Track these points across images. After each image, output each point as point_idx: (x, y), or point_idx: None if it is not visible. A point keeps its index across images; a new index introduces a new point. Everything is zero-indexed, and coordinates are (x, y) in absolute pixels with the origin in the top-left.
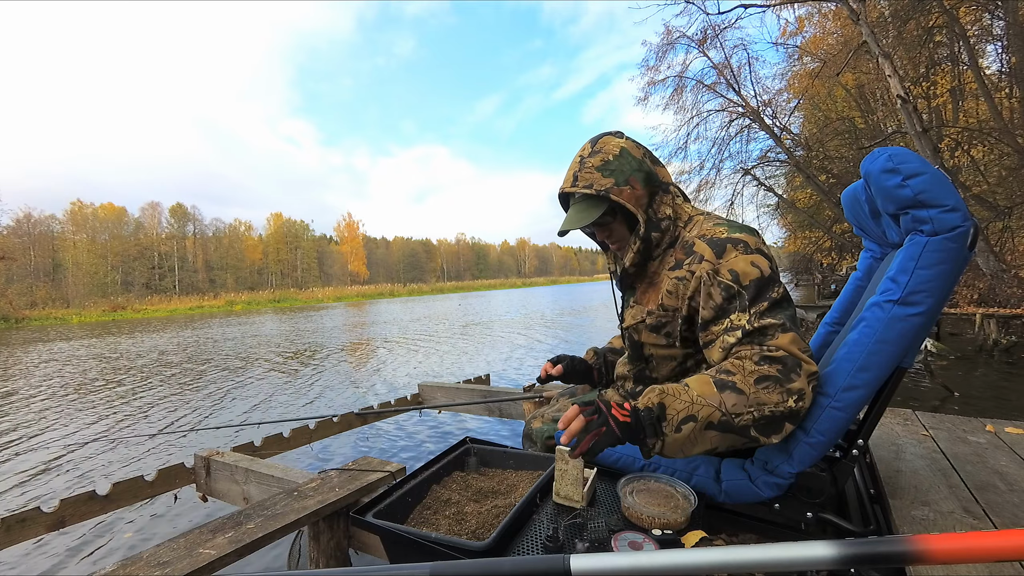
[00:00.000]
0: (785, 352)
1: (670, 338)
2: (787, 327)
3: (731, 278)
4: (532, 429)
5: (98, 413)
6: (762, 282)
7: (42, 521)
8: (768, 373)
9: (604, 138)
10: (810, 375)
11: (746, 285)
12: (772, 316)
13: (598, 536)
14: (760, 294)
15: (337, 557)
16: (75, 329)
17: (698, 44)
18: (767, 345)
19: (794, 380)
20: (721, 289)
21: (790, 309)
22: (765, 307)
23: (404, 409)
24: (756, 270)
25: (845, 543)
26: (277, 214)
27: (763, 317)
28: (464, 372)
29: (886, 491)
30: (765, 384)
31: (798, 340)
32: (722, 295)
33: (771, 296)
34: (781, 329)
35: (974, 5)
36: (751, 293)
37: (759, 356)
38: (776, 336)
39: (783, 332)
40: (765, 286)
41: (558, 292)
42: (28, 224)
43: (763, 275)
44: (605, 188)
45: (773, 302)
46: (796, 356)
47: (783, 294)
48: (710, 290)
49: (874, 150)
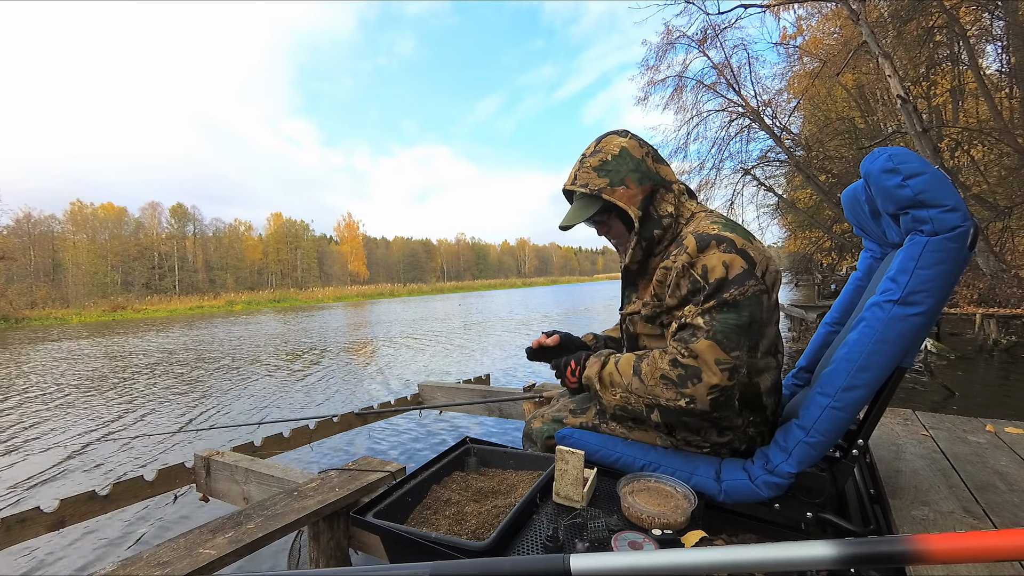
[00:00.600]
0: (694, 360)
1: (663, 328)
2: (712, 333)
3: (700, 273)
4: (532, 429)
5: (122, 408)
6: (722, 282)
7: (42, 521)
8: (669, 375)
9: (608, 137)
10: (711, 387)
11: (711, 282)
12: (708, 316)
13: (598, 536)
14: (715, 292)
15: (337, 557)
16: (76, 329)
17: (698, 44)
18: (686, 347)
19: (688, 388)
20: (689, 282)
21: (741, 314)
22: (711, 305)
23: (404, 409)
24: (723, 269)
25: (845, 543)
26: (277, 214)
27: (701, 315)
28: (464, 372)
29: (886, 491)
30: (665, 382)
31: (716, 349)
32: (688, 287)
33: (724, 297)
34: (706, 334)
35: (974, 5)
36: (710, 290)
37: (671, 358)
38: (698, 340)
39: (706, 338)
40: (723, 286)
41: (558, 292)
42: (28, 224)
43: (726, 275)
44: (599, 188)
45: (722, 302)
46: (704, 365)
47: (741, 297)
48: (680, 280)
49: (874, 150)
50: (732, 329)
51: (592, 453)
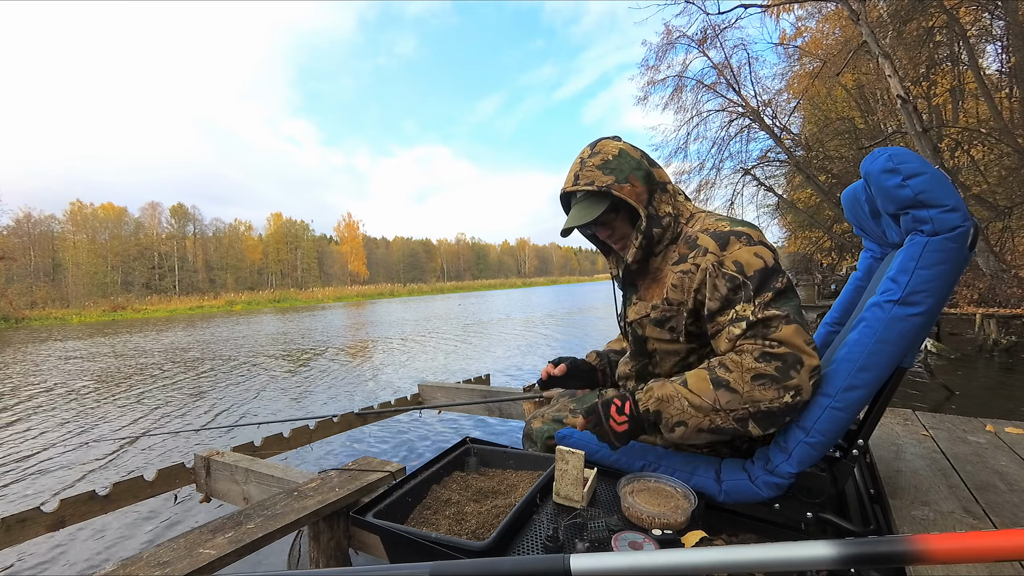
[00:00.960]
0: (787, 347)
1: (674, 332)
2: (791, 318)
3: (736, 269)
4: (532, 429)
5: (147, 405)
6: (766, 272)
7: (42, 521)
8: (765, 371)
9: (602, 141)
10: (812, 370)
11: (751, 275)
12: (776, 307)
13: (598, 536)
14: (764, 284)
15: (337, 557)
16: (77, 329)
17: (698, 44)
18: (770, 339)
19: (792, 377)
20: (726, 280)
21: (795, 299)
22: (770, 297)
23: (404, 409)
24: (760, 260)
25: (845, 543)
26: (277, 214)
27: (768, 308)
28: (465, 371)
29: (886, 491)
30: (761, 382)
31: (802, 332)
32: (727, 285)
33: (775, 286)
34: (785, 320)
35: (974, 5)
36: (756, 283)
37: (759, 352)
38: (780, 328)
39: (787, 324)
40: (769, 276)
41: (558, 292)
42: (28, 224)
43: (767, 265)
44: (607, 184)
45: (777, 292)
46: (798, 350)
47: (787, 284)
48: (715, 281)
49: (874, 150)
50: (799, 312)
51: (592, 453)
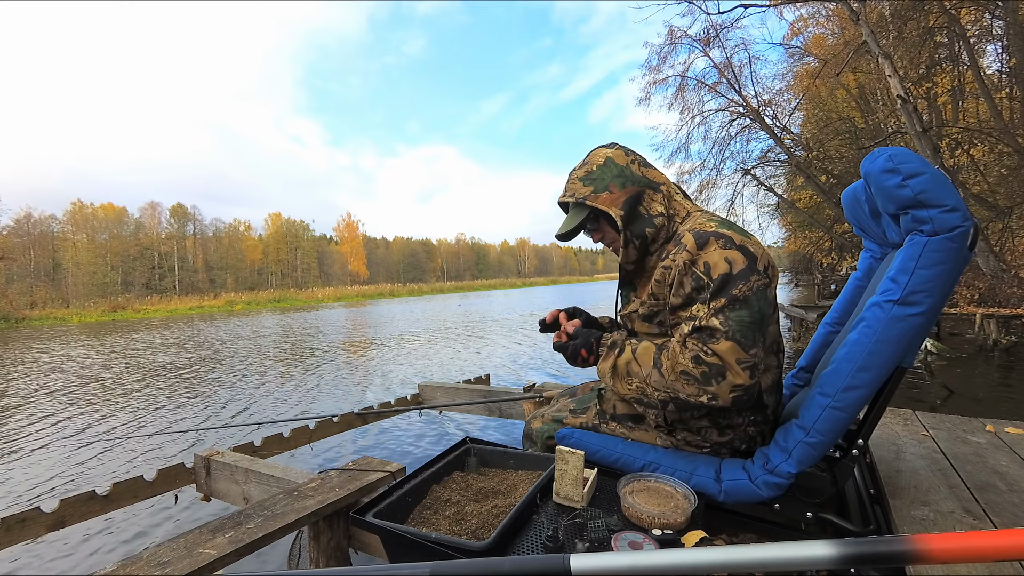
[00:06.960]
0: (718, 359)
1: (662, 327)
2: (731, 334)
3: (703, 270)
4: (532, 429)
5: (147, 406)
6: (727, 277)
7: (42, 521)
8: (692, 372)
9: (595, 151)
10: (734, 386)
11: (714, 279)
12: (723, 316)
13: (598, 536)
14: (722, 289)
15: (337, 557)
16: (78, 329)
17: (701, 44)
18: (707, 347)
19: (712, 385)
20: (692, 279)
21: (751, 308)
22: (722, 303)
23: (404, 409)
24: (726, 265)
25: (845, 543)
26: (276, 214)
27: (716, 315)
28: (465, 371)
29: (886, 491)
30: (686, 379)
31: (737, 350)
32: (692, 284)
33: (732, 293)
34: (725, 336)
35: (974, 5)
36: (715, 287)
37: (694, 354)
38: (719, 341)
39: (726, 339)
40: (729, 282)
41: (559, 292)
42: (28, 224)
43: (730, 271)
44: (583, 195)
45: (732, 299)
46: (727, 366)
47: (749, 292)
48: (683, 279)
49: (874, 150)
50: (747, 327)
51: (592, 453)
